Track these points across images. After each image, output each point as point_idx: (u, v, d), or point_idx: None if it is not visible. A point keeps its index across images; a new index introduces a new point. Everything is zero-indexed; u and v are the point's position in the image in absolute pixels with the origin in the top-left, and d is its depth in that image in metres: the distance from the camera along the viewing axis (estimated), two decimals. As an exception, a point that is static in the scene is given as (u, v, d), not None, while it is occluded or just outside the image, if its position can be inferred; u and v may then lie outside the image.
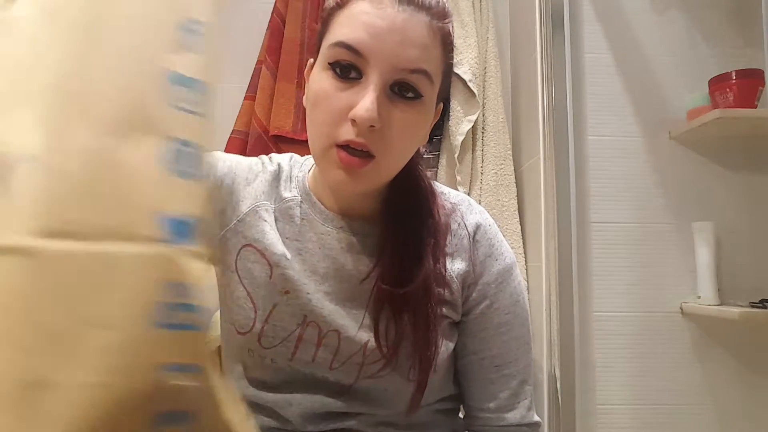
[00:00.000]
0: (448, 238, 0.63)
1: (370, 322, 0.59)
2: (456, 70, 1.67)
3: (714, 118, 1.28)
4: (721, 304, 1.31)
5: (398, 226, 0.60)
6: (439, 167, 1.73)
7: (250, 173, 0.65)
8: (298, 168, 0.67)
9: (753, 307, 1.27)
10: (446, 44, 0.56)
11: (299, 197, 0.64)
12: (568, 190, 1.38)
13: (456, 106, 1.68)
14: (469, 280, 0.63)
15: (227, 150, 1.58)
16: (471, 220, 0.65)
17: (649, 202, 1.43)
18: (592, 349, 1.38)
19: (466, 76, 1.65)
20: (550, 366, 1.38)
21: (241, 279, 0.61)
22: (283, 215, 0.63)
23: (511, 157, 1.68)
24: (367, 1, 0.52)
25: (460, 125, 1.65)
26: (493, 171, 1.65)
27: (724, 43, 1.45)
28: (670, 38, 1.47)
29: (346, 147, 0.52)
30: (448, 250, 0.62)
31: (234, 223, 0.63)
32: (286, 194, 0.64)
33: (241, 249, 0.62)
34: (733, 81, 1.30)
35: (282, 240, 0.62)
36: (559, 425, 1.32)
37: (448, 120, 1.70)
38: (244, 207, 0.63)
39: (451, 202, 0.66)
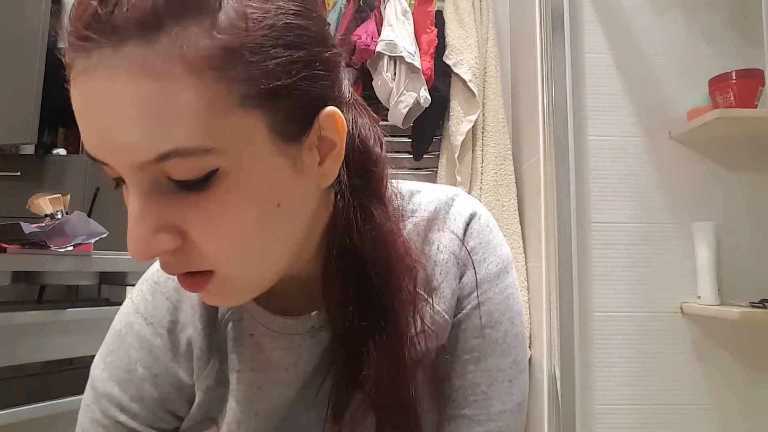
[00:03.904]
0: (429, 270, 0.47)
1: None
2: (456, 70, 1.67)
3: (714, 118, 1.28)
4: (721, 304, 1.31)
5: (344, 299, 0.44)
6: (439, 167, 1.73)
7: (161, 353, 0.48)
8: None
9: (753, 307, 1.27)
10: (215, 62, 0.31)
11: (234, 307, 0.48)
12: (568, 190, 1.38)
13: (456, 106, 1.68)
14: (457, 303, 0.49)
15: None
16: (453, 229, 0.49)
17: (649, 202, 1.43)
18: (592, 349, 1.38)
19: (466, 76, 1.65)
20: (550, 366, 1.38)
21: None
22: (226, 343, 0.47)
23: (511, 157, 1.68)
24: (72, 76, 0.32)
25: (460, 125, 1.66)
26: (493, 171, 1.66)
27: (724, 43, 1.45)
28: (670, 38, 1.47)
29: None
30: (433, 284, 0.47)
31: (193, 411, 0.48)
32: (218, 313, 0.48)
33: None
34: (733, 81, 1.30)
35: (235, 384, 0.46)
36: (559, 425, 1.32)
37: (448, 120, 1.70)
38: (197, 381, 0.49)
39: (425, 219, 0.49)
